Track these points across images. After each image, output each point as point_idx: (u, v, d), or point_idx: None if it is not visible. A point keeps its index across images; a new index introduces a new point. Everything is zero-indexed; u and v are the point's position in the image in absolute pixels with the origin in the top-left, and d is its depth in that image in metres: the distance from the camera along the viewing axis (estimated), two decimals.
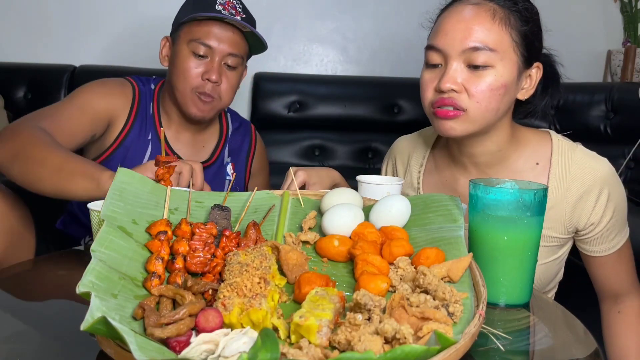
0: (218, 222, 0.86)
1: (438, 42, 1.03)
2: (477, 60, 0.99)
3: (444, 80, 1.00)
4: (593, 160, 1.08)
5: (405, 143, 1.30)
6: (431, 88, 1.04)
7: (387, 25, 2.59)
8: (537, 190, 0.82)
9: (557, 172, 1.08)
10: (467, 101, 1.00)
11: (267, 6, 2.54)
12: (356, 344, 0.58)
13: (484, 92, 1.00)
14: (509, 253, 0.83)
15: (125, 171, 0.90)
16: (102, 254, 0.72)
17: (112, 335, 0.58)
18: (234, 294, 0.65)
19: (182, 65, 1.35)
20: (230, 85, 1.39)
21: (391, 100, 2.39)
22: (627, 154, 2.20)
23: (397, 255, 0.80)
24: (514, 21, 1.01)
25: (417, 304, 0.67)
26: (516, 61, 1.02)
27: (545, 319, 0.86)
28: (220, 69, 1.36)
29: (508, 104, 1.05)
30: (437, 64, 1.04)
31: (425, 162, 1.23)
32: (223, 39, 1.35)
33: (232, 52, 1.36)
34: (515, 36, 1.01)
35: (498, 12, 1.01)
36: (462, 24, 1.01)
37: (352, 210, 0.88)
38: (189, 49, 1.35)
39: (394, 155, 1.32)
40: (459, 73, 1.00)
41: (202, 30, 1.34)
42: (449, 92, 1.01)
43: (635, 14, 2.57)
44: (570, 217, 1.08)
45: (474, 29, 0.99)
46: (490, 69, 1.00)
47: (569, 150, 1.09)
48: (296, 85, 2.40)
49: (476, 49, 0.99)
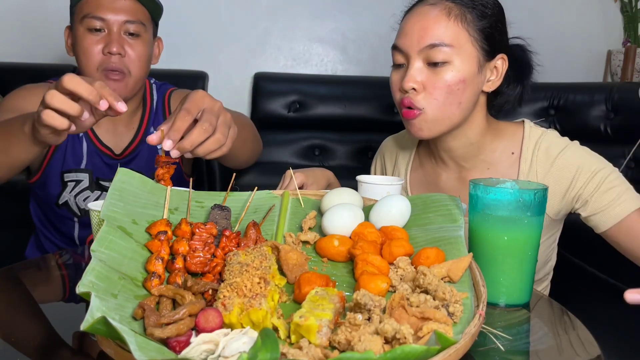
0: (218, 222, 0.86)
1: (400, 42, 1.08)
2: (435, 57, 1.03)
3: (405, 80, 1.05)
4: (560, 141, 1.11)
5: (393, 142, 1.33)
6: (397, 87, 1.09)
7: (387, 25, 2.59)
8: (537, 190, 0.82)
9: (527, 157, 1.11)
10: (423, 100, 1.05)
11: (267, 6, 2.54)
12: (356, 344, 0.58)
13: (441, 89, 1.04)
14: (509, 253, 0.83)
15: (125, 171, 0.90)
16: (102, 254, 0.72)
17: (112, 335, 0.58)
18: (234, 294, 0.65)
19: (82, 45, 1.32)
20: (138, 55, 1.34)
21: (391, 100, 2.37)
22: (627, 154, 2.20)
23: (397, 255, 0.80)
24: (470, 17, 1.05)
25: (417, 304, 0.67)
26: (475, 55, 1.05)
27: (545, 319, 0.86)
28: (121, 39, 1.32)
29: (472, 97, 1.07)
30: (401, 64, 1.09)
31: (411, 159, 1.26)
32: (115, 8, 1.31)
33: (128, 19, 1.32)
34: (472, 31, 1.05)
35: (453, 9, 1.05)
36: (419, 23, 1.06)
37: (352, 210, 0.88)
38: (84, 27, 1.32)
39: (382, 153, 1.35)
40: (419, 72, 1.05)
41: (91, 4, 1.31)
42: (410, 92, 1.05)
43: (635, 14, 2.57)
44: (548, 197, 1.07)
45: (430, 27, 1.04)
46: (448, 65, 1.03)
47: (538, 136, 1.12)
48: (296, 85, 2.40)
49: (433, 46, 1.03)
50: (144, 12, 1.36)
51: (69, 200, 1.41)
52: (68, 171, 1.39)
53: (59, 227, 1.46)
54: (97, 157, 1.41)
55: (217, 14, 2.53)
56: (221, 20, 2.53)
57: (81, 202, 1.41)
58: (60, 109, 0.85)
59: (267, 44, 2.58)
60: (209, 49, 2.53)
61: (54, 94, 0.85)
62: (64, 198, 1.41)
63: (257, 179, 1.83)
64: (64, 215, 1.43)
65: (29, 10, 2.44)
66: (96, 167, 1.41)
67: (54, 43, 2.44)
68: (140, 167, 1.44)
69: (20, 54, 2.41)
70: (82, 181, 1.40)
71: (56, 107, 0.85)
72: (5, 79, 2.25)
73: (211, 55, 2.52)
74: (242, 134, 1.22)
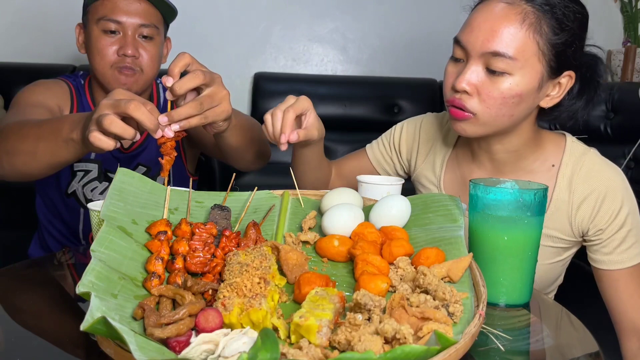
0: (218, 222, 0.86)
1: (463, 38, 1.00)
2: (495, 66, 0.96)
3: (459, 80, 0.99)
4: (605, 166, 1.06)
5: (434, 129, 1.25)
6: (450, 83, 1.02)
7: (387, 25, 2.59)
8: (537, 190, 0.82)
9: (566, 173, 1.07)
10: (476, 105, 0.99)
11: (267, 6, 2.54)
12: (356, 344, 0.58)
13: (495, 99, 0.97)
14: (509, 253, 0.83)
15: (125, 171, 0.90)
16: (101, 254, 0.72)
17: (112, 335, 0.58)
18: (234, 294, 0.65)
19: (96, 46, 1.34)
20: (151, 56, 1.36)
21: (391, 100, 2.39)
22: (627, 154, 2.20)
23: (397, 255, 0.80)
24: (546, 29, 0.96)
25: (417, 304, 0.67)
26: (539, 71, 0.98)
27: (546, 319, 0.86)
28: (135, 42, 1.34)
29: (525, 110, 1.02)
30: (460, 59, 1.02)
31: (449, 153, 1.20)
32: (131, 12, 1.33)
33: (143, 22, 1.34)
34: (543, 45, 0.97)
35: (529, 16, 0.96)
36: (488, 22, 0.97)
37: (352, 210, 0.88)
38: (99, 29, 1.33)
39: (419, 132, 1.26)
40: (476, 75, 0.98)
41: (107, 6, 1.32)
42: (462, 93, 0.99)
43: (635, 14, 2.57)
44: (575, 219, 1.06)
45: (498, 32, 0.96)
46: (507, 76, 0.96)
47: (580, 153, 1.08)
48: (296, 85, 2.40)
49: (496, 54, 0.96)
50: (157, 15, 1.39)
51: (77, 190, 1.43)
52: (78, 161, 1.41)
53: (65, 219, 1.47)
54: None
55: (217, 14, 2.53)
56: (221, 20, 2.53)
57: (89, 192, 1.43)
58: (119, 134, 0.86)
59: (267, 44, 2.58)
60: (209, 48, 2.54)
61: (113, 121, 0.86)
62: (73, 187, 1.43)
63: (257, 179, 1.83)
64: (72, 206, 1.45)
65: (29, 10, 2.44)
66: (105, 159, 1.43)
67: (54, 43, 2.44)
68: (146, 161, 1.46)
69: (20, 54, 2.41)
70: (91, 171, 1.42)
71: (114, 133, 0.86)
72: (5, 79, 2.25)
73: (211, 55, 2.52)
74: (249, 135, 1.22)
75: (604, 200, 1.03)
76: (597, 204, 1.04)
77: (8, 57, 2.38)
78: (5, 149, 1.09)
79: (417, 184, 1.26)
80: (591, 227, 1.05)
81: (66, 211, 1.46)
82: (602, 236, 1.05)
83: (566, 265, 1.15)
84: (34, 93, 1.36)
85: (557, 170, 1.08)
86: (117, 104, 0.86)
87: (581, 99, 1.06)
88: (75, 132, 0.98)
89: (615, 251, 1.04)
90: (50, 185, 1.46)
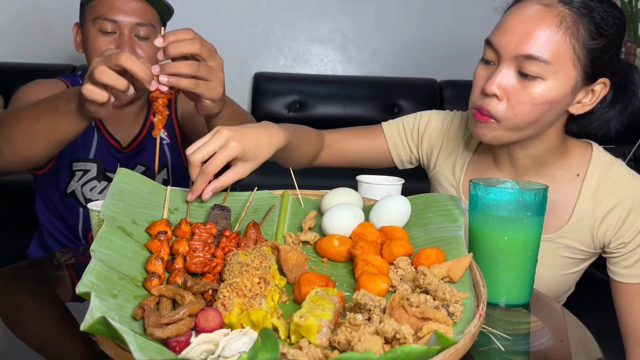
0: (218, 222, 0.86)
1: (495, 40, 0.97)
2: (527, 69, 0.93)
3: (489, 83, 0.95)
4: (631, 177, 1.04)
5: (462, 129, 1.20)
6: (480, 86, 0.99)
7: (387, 25, 2.59)
8: (537, 190, 0.82)
9: (591, 183, 1.04)
10: (503, 112, 0.95)
11: (267, 6, 2.54)
12: (356, 344, 0.58)
13: (524, 105, 0.94)
14: (509, 253, 0.83)
15: (125, 171, 0.90)
16: (101, 254, 0.72)
17: (111, 336, 0.58)
18: (234, 294, 0.65)
19: (93, 45, 1.33)
20: (147, 55, 1.36)
21: (391, 100, 2.39)
22: (628, 154, 2.20)
23: (397, 255, 0.80)
24: (583, 33, 0.93)
25: (417, 304, 0.67)
26: (574, 76, 0.94)
27: (546, 319, 0.86)
28: (132, 42, 1.34)
29: (553, 117, 0.98)
30: (490, 61, 0.98)
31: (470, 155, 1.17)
32: (127, 11, 1.32)
33: (140, 22, 1.33)
34: (579, 50, 0.93)
35: (567, 19, 0.92)
36: (523, 25, 0.93)
37: (352, 210, 0.88)
38: (96, 28, 1.33)
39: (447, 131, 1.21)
40: (507, 78, 0.95)
41: (104, 6, 1.32)
42: (491, 98, 0.96)
43: (635, 14, 2.57)
44: (597, 231, 1.03)
45: (533, 35, 0.92)
46: (540, 80, 0.93)
47: (606, 164, 1.05)
48: (296, 85, 2.41)
49: (530, 58, 0.92)
50: (154, 15, 1.39)
51: (76, 190, 1.43)
52: (77, 160, 1.42)
53: (65, 218, 1.47)
54: (105, 149, 1.44)
55: (217, 14, 2.53)
56: (221, 20, 2.53)
57: (87, 192, 1.43)
58: (110, 84, 0.86)
59: (267, 44, 2.58)
60: None
61: (104, 71, 0.86)
62: (72, 187, 1.43)
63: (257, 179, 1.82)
64: (71, 206, 1.45)
65: (29, 10, 2.44)
66: (104, 158, 1.43)
67: (54, 43, 2.44)
68: (145, 161, 1.46)
69: (20, 54, 2.41)
70: (89, 170, 1.43)
71: (105, 82, 0.86)
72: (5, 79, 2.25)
73: None
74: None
75: (630, 213, 1.01)
76: (622, 217, 1.01)
77: (8, 57, 2.38)
78: (5, 138, 1.08)
79: (434, 183, 1.23)
80: (613, 240, 1.03)
81: (65, 211, 1.46)
82: (624, 250, 1.02)
83: (579, 277, 1.12)
84: (32, 92, 1.36)
85: (581, 180, 1.05)
86: (108, 57, 0.87)
87: (614, 107, 1.03)
88: (73, 104, 0.97)
89: (635, 265, 1.02)
90: (49, 185, 1.46)
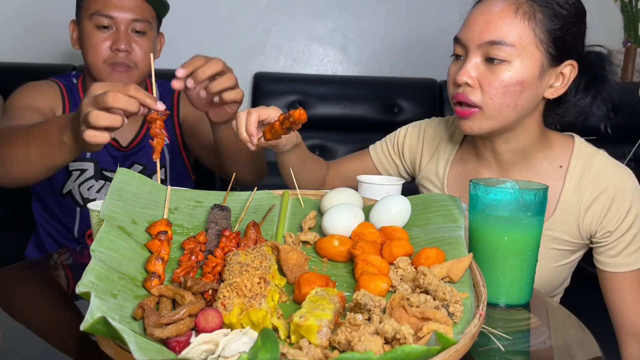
0: (218, 222, 0.86)
1: (461, 34, 1.03)
2: (493, 54, 0.98)
3: (460, 73, 1.01)
4: (614, 167, 1.06)
5: (439, 128, 1.26)
6: (453, 78, 1.04)
7: (387, 25, 2.59)
8: (537, 190, 0.82)
9: (574, 174, 1.06)
10: (480, 97, 1.00)
11: (267, 6, 2.54)
12: (356, 344, 0.58)
13: (497, 89, 0.99)
14: (509, 253, 0.83)
15: (125, 171, 0.90)
16: (101, 253, 0.72)
17: (111, 335, 0.58)
18: (234, 294, 0.65)
19: (89, 41, 1.35)
20: (144, 51, 1.37)
21: (391, 100, 2.39)
22: (628, 154, 2.20)
23: (397, 255, 0.80)
24: (540, 16, 0.99)
25: (417, 304, 0.67)
26: (539, 58, 0.99)
27: (546, 319, 0.86)
28: (128, 37, 1.35)
29: (530, 101, 1.02)
30: (460, 56, 1.04)
31: (454, 154, 1.20)
32: (123, 7, 1.34)
33: (136, 17, 1.35)
34: (539, 32, 0.99)
35: (523, 6, 0.99)
36: (483, 17, 1.00)
37: (352, 210, 0.88)
38: (92, 24, 1.34)
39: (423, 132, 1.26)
40: (475, 67, 1.00)
41: (100, 2, 1.33)
42: (464, 87, 1.01)
43: (635, 14, 2.57)
44: (583, 221, 1.05)
45: (493, 23, 0.99)
46: (506, 64, 0.98)
47: (589, 155, 1.07)
48: (296, 85, 2.40)
49: (493, 43, 0.98)
50: (150, 11, 1.39)
51: (72, 189, 1.43)
52: (74, 160, 1.42)
53: (61, 218, 1.47)
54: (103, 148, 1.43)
55: (217, 14, 2.53)
56: (221, 20, 2.53)
57: (85, 191, 1.43)
58: (107, 125, 0.88)
59: (267, 43, 2.58)
60: (208, 48, 2.52)
61: (99, 115, 0.87)
62: (68, 187, 1.43)
63: None
64: (67, 206, 1.44)
65: (28, 10, 2.44)
66: (101, 158, 1.43)
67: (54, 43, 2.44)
68: (145, 160, 1.46)
69: (20, 54, 2.41)
70: (86, 170, 1.43)
71: (103, 125, 0.88)
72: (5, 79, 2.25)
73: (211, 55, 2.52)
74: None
75: (613, 202, 1.03)
76: (605, 206, 1.03)
77: (8, 57, 2.38)
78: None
79: (420, 187, 1.26)
80: (599, 230, 1.04)
81: (62, 211, 1.46)
82: (610, 238, 1.04)
83: (573, 269, 1.14)
84: (24, 96, 1.37)
85: (564, 172, 1.07)
86: (95, 100, 0.88)
87: (588, 93, 1.07)
88: (66, 136, 0.98)
89: (622, 254, 1.04)
90: (44, 186, 1.46)
